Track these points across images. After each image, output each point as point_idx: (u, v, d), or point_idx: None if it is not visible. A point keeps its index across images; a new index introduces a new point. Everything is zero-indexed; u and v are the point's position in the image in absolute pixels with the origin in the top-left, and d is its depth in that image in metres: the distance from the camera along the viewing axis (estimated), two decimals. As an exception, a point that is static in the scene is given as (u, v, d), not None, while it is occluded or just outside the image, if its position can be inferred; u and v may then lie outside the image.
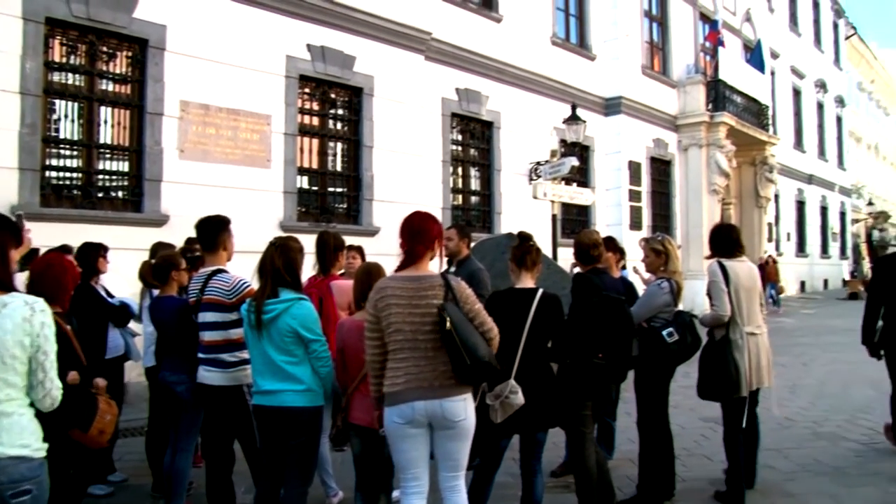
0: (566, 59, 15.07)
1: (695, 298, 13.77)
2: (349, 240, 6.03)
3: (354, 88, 10.52)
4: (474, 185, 13.16)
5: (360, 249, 5.92)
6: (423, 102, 11.42)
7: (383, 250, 8.81)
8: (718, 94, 18.53)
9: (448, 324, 3.03)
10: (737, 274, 4.68)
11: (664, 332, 4.51)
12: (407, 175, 10.87)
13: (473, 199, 13.15)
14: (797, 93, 27.92)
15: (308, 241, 4.62)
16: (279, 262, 3.55)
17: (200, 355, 3.93)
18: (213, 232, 4.00)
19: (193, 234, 4.14)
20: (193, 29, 8.64)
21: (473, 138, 13.09)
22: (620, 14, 16.18)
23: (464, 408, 3.18)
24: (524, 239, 4.02)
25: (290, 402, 3.48)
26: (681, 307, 4.87)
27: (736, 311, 4.60)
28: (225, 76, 8.91)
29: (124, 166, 8.31)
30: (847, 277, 30.27)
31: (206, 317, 3.88)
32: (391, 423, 3.16)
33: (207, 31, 8.77)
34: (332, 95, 10.43)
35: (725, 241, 4.91)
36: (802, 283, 28.12)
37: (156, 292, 4.76)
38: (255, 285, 3.68)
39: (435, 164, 11.85)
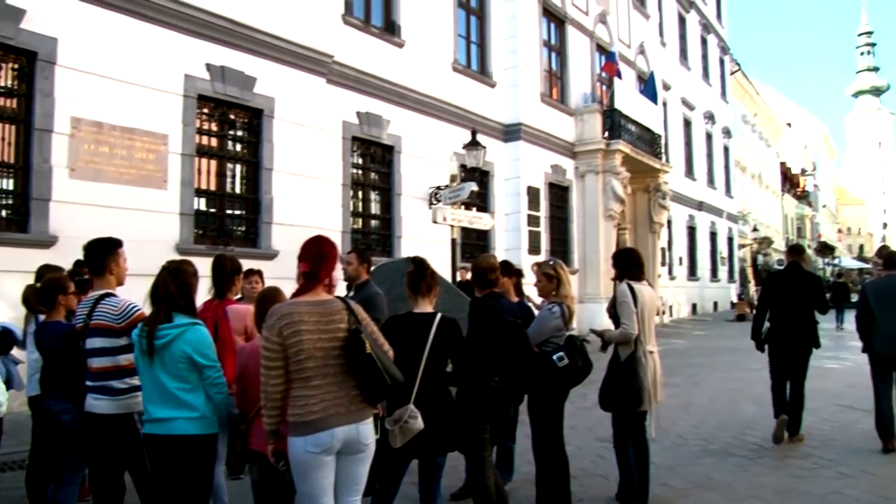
0: (467, 85, 15.52)
1: (593, 320, 14.30)
2: (248, 263, 6.07)
3: (255, 110, 10.54)
4: (374, 208, 13.32)
5: (260, 273, 5.93)
6: (324, 125, 11.55)
7: (283, 274, 8.86)
8: (614, 122, 19.35)
9: (368, 347, 3.09)
10: (643, 295, 5.09)
11: (555, 357, 4.69)
12: (307, 198, 10.95)
13: (374, 222, 13.31)
14: (688, 123, 29.52)
15: (205, 265, 4.66)
16: (172, 285, 3.50)
17: (88, 383, 3.81)
18: (102, 254, 3.93)
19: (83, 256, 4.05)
20: (86, 43, 8.49)
21: (374, 162, 13.29)
22: (520, 43, 16.79)
23: (373, 430, 3.26)
24: (418, 264, 4.10)
25: (183, 430, 3.40)
26: (574, 331, 5.13)
27: (640, 331, 5.01)
28: (120, 93, 8.79)
29: (9, 184, 8.07)
30: (735, 300, 31.89)
31: (95, 342, 3.78)
32: (304, 454, 3.10)
33: (102, 47, 8.65)
34: (232, 116, 10.43)
35: (632, 265, 5.29)
36: (694, 306, 29.45)
37: (42, 317, 4.57)
38: (147, 310, 3.61)
39: (335, 188, 11.96)
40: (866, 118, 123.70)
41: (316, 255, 3.30)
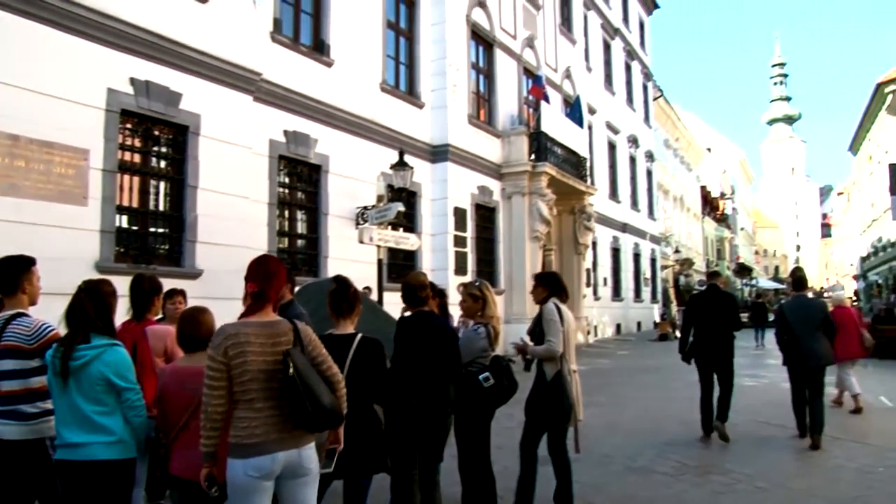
0: (395, 105, 15.68)
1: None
2: (171, 283, 6.06)
3: (180, 126, 10.42)
4: (301, 228, 13.31)
5: (183, 293, 5.89)
6: (250, 143, 11.50)
7: (207, 293, 8.87)
8: (541, 145, 19.72)
9: (291, 369, 3.03)
10: (568, 316, 5.33)
11: (480, 377, 4.84)
12: (232, 217, 10.85)
13: (300, 242, 13.28)
14: (612, 147, 30.38)
15: (127, 284, 4.63)
16: (90, 305, 3.43)
17: (-4, 407, 3.65)
18: (13, 273, 3.80)
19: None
20: (2, 53, 8.26)
21: (301, 181, 13.29)
22: (449, 65, 17.04)
23: (315, 453, 3.26)
24: (340, 284, 4.13)
25: (99, 455, 3.31)
26: (498, 351, 5.28)
27: (565, 350, 5.23)
28: (38, 106, 8.54)
29: (-82, 199, 7.82)
30: (658, 320, 32.76)
31: (5, 365, 3.65)
32: (244, 478, 3.03)
33: (18, 56, 8.40)
34: (156, 132, 10.28)
35: (560, 287, 5.55)
36: (618, 326, 30.12)
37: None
38: (62, 330, 3.52)
39: (261, 207, 11.90)
40: (780, 145, 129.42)
41: (264, 274, 3.27)
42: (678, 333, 28.28)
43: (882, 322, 21.41)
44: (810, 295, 9.16)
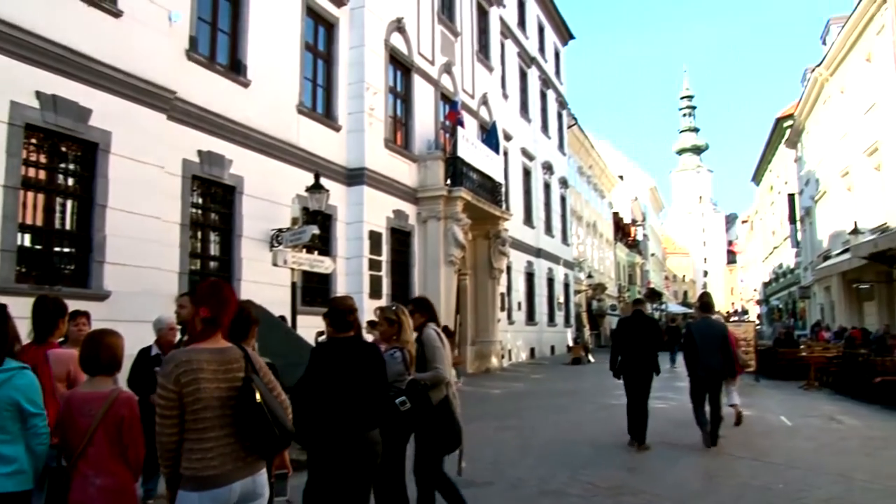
0: (312, 128, 15.74)
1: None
2: (77, 304, 5.97)
3: (89, 143, 10.18)
4: (214, 250, 13.18)
5: (87, 315, 5.81)
6: (163, 163, 11.33)
7: (115, 315, 8.75)
8: (456, 170, 20.03)
9: (258, 396, 3.04)
10: (444, 339, 5.52)
11: (397, 401, 4.89)
12: (142, 237, 10.65)
13: (212, 264, 13.13)
14: (527, 173, 31.10)
15: (28, 305, 4.58)
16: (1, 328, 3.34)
17: None
18: None
19: None
20: None
21: (215, 202, 13.17)
22: (366, 89, 17.19)
23: (266, 479, 3.24)
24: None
25: None
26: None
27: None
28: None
29: None
30: (571, 344, 33.49)
31: None
32: None
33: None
34: (64, 149, 10.03)
35: (433, 311, 5.77)
36: (532, 350, 30.69)
37: None
38: None
39: (173, 227, 11.74)
40: (688, 174, 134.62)
41: (217, 300, 3.19)
42: (591, 358, 29.31)
43: (782, 345, 22.57)
44: (714, 317, 10.42)
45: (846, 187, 27.82)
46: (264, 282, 13.01)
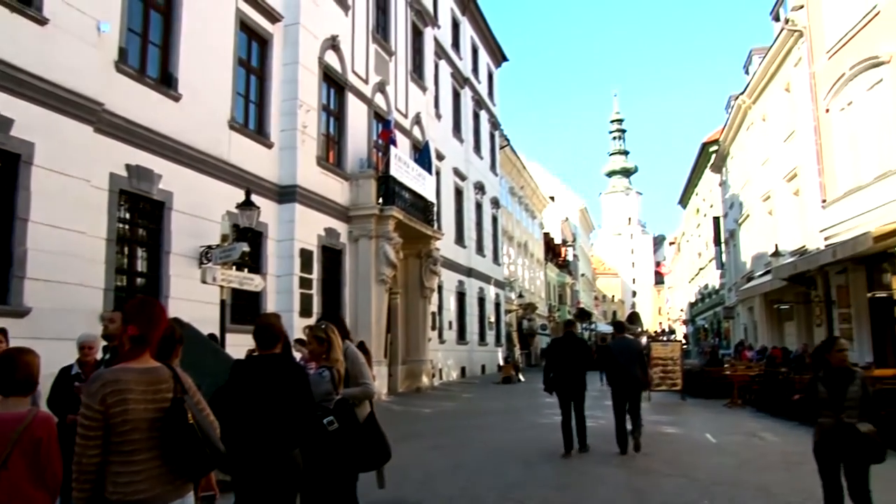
0: (244, 144, 15.65)
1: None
2: (-4, 321, 5.88)
3: (10, 154, 9.92)
4: (141, 266, 12.95)
5: (4, 332, 5.73)
6: (89, 176, 11.13)
7: (36, 333, 8.62)
8: (389, 189, 20.15)
9: (191, 417, 3.00)
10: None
11: (325, 421, 4.84)
12: (66, 252, 10.43)
13: (139, 280, 12.92)
14: (459, 193, 31.46)
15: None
16: None
17: None
18: None
19: None
20: None
21: (143, 218, 12.97)
22: (299, 106, 17.22)
23: (193, 500, 3.19)
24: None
25: None
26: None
27: None
28: None
29: None
30: (501, 363, 33.81)
31: None
32: None
33: None
34: (-17, 160, 9.81)
35: (345, 327, 5.94)
36: (463, 369, 30.87)
37: None
38: None
39: (98, 243, 11.50)
40: (618, 196, 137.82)
41: (147, 318, 3.14)
42: (521, 377, 29.69)
43: (707, 364, 23.30)
44: (629, 337, 11.78)
45: (768, 211, 29.00)
46: (193, 299, 12.85)
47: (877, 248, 15.59)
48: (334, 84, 19.73)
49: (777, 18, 26.67)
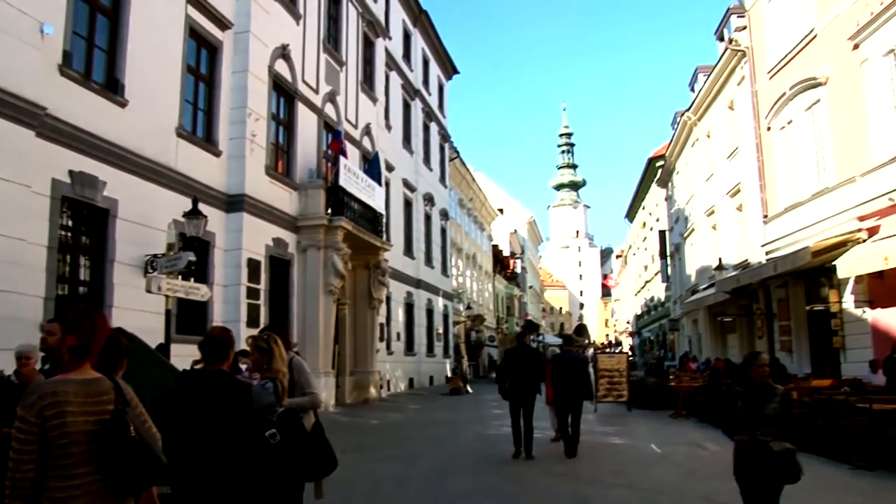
0: (191, 152, 15.47)
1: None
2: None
3: (-55, 159, 9.73)
4: (84, 274, 12.67)
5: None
6: (30, 182, 10.86)
7: (-25, 343, 8.34)
8: (337, 199, 20.11)
9: (132, 430, 2.96)
10: None
11: (267, 434, 4.76)
12: (5, 260, 10.15)
13: (82, 289, 12.62)
14: (409, 204, 31.56)
15: None
16: None
17: None
18: None
19: None
20: None
21: (86, 225, 12.72)
22: (249, 114, 17.11)
23: None
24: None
25: None
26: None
27: None
28: None
29: None
30: (449, 374, 33.88)
31: None
32: None
33: None
34: (-81, 165, 9.54)
35: (287, 337, 5.90)
36: (411, 380, 30.87)
37: None
38: None
39: (39, 250, 11.21)
40: (566, 209, 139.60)
41: (88, 328, 3.05)
42: (469, 388, 29.81)
43: (652, 375, 23.72)
44: (574, 350, 12.88)
45: (712, 226, 29.73)
46: (137, 309, 12.63)
47: (815, 263, 16.17)
48: (284, 93, 19.65)
49: (721, 38, 27.45)
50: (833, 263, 15.14)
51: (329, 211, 19.98)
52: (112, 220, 12.94)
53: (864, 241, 15.29)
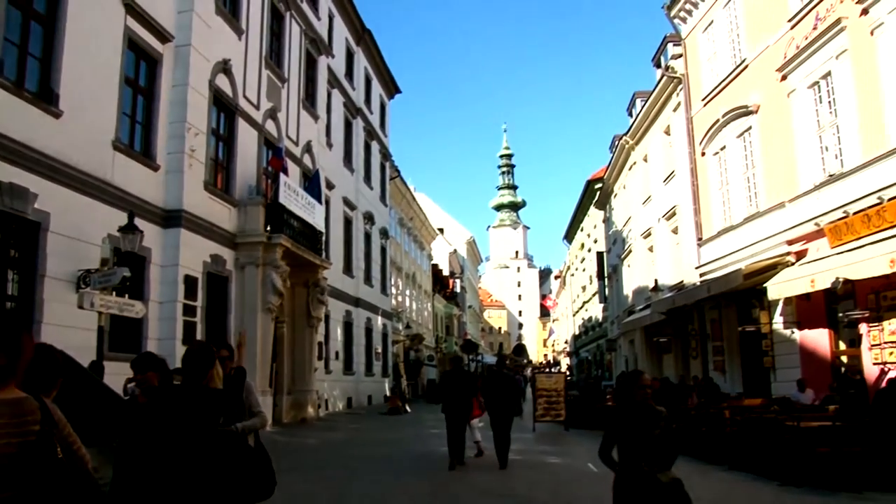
0: (128, 165, 15.18)
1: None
2: None
3: None
4: (12, 289, 12.26)
5: None
6: (-42, 194, 10.60)
7: None
8: (277, 216, 20.00)
9: (59, 452, 2.84)
10: None
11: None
12: (-70, 273, 9.89)
13: (10, 305, 12.21)
14: (349, 222, 31.48)
15: None
16: None
17: None
18: None
19: None
20: None
21: (15, 238, 12.33)
22: (188, 129, 16.92)
23: None
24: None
25: None
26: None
27: None
28: None
29: None
30: (388, 394, 33.77)
31: None
32: None
33: None
34: None
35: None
36: (349, 399, 30.68)
37: None
38: None
39: (-34, 264, 10.93)
40: (506, 230, 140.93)
41: (14, 346, 2.88)
42: (408, 408, 29.74)
43: (588, 395, 24.07)
44: (505, 371, 14.02)
45: (648, 248, 30.42)
46: (69, 325, 12.29)
47: (746, 285, 16.72)
48: (224, 108, 19.48)
49: (658, 65, 28.27)
50: (764, 286, 15.69)
51: (268, 228, 19.84)
52: (43, 233, 12.55)
53: (792, 264, 15.89)
